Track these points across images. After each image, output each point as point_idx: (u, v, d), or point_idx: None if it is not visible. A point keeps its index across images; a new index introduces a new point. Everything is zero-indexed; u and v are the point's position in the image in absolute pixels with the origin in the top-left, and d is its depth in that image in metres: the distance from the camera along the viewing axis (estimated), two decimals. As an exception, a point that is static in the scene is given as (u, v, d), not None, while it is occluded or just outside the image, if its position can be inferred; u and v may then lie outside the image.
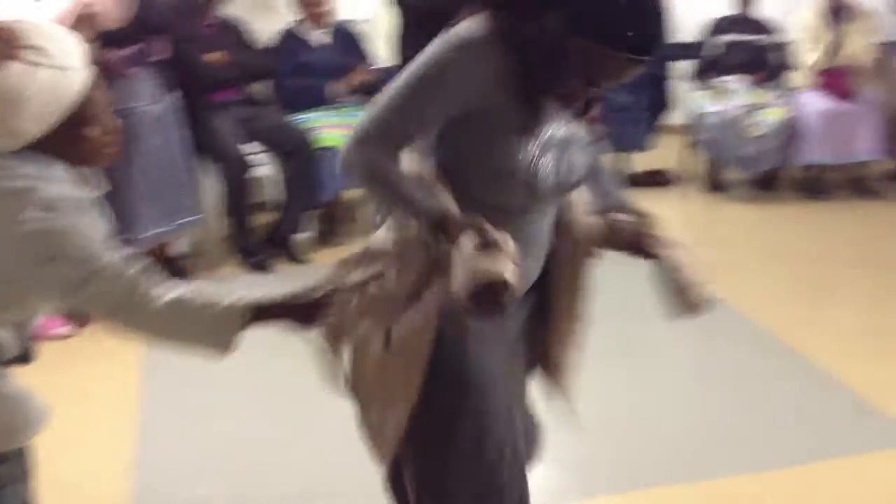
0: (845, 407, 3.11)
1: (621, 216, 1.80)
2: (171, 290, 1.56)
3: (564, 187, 1.62)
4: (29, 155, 1.50)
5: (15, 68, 1.42)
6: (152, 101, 4.06)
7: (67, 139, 1.51)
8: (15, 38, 1.44)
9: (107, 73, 3.94)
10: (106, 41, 3.83)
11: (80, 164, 1.57)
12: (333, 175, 4.55)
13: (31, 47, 1.44)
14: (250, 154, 4.51)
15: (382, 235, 1.71)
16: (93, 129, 1.55)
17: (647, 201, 5.77)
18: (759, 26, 5.65)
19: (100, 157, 1.59)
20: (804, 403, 3.16)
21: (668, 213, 5.60)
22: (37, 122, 1.46)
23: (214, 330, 1.60)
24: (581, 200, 1.78)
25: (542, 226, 1.69)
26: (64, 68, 1.47)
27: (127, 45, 3.94)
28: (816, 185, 5.56)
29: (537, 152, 1.53)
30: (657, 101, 5.65)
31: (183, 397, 3.30)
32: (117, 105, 3.82)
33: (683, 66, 5.82)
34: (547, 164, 1.54)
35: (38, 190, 1.46)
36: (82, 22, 3.66)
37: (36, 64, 1.44)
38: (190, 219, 4.30)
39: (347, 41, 4.99)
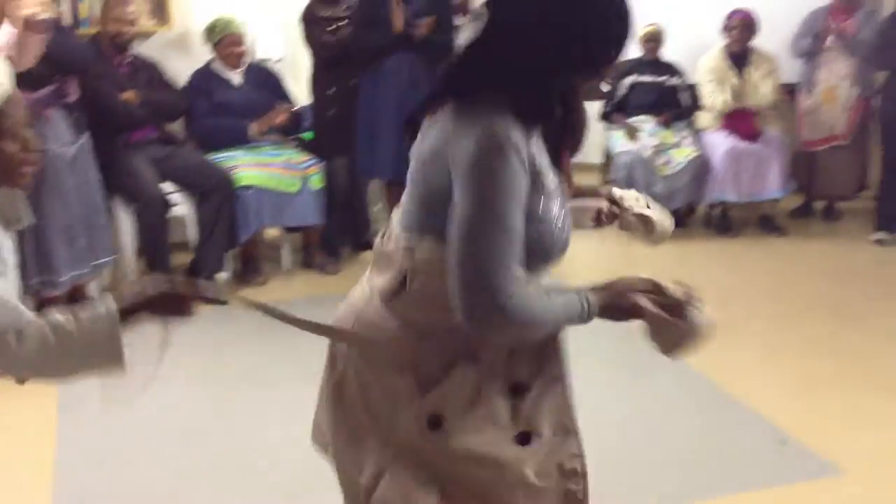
0: (765, 438, 3.17)
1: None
2: (29, 330, 1.47)
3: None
4: None
5: None
6: (67, 142, 4.02)
7: None
8: None
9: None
10: (19, 82, 3.77)
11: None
12: (251, 214, 4.53)
13: None
14: (168, 193, 4.46)
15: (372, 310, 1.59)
16: (10, 145, 1.54)
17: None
18: (664, 68, 5.85)
19: (17, 175, 1.57)
20: (723, 435, 3.23)
21: (584, 249, 5.76)
22: None
23: (96, 345, 1.52)
24: None
25: None
26: None
27: (40, 86, 3.89)
28: (725, 222, 5.75)
29: (559, 206, 1.50)
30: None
31: (100, 433, 3.23)
32: (51, 144, 3.85)
33: (593, 107, 5.98)
34: (564, 216, 1.52)
35: None
36: None
37: None
38: (105, 259, 4.26)
39: (263, 80, 5.01)
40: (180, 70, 4.95)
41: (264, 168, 4.66)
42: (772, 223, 5.75)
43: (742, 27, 5.66)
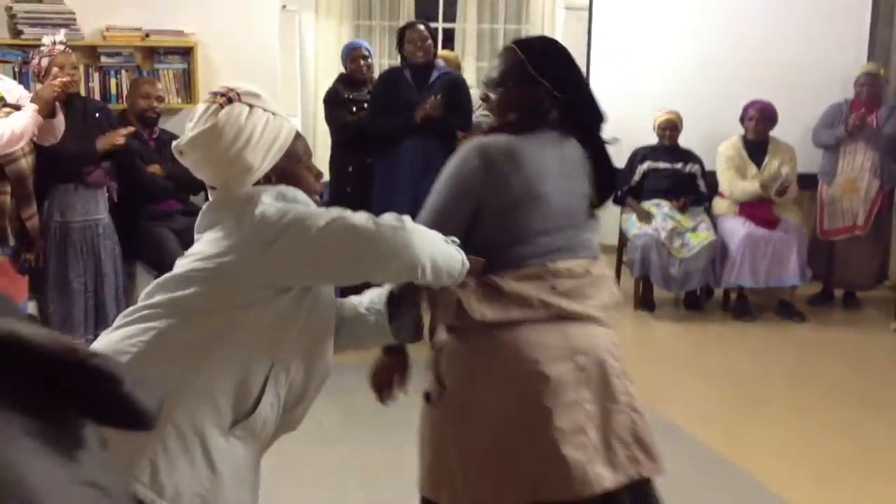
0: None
1: None
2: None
3: None
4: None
5: (238, 108, 1.73)
6: (103, 211, 4.24)
7: (286, 176, 1.79)
8: (232, 89, 1.76)
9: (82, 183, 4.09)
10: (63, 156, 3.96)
11: None
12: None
13: (248, 94, 1.76)
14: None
15: None
16: (305, 173, 1.84)
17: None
18: (680, 155, 5.91)
19: (311, 197, 1.83)
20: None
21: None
22: (263, 156, 1.75)
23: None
24: None
25: None
26: (275, 114, 1.78)
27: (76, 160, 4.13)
28: (743, 306, 5.72)
29: None
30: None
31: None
32: (65, 217, 4.01)
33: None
34: None
35: (264, 191, 1.73)
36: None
37: (252, 106, 1.74)
38: None
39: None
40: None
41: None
42: (791, 309, 5.71)
43: (760, 118, 5.73)
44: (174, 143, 1.80)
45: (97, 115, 4.31)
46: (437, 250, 1.77)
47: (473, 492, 2.02)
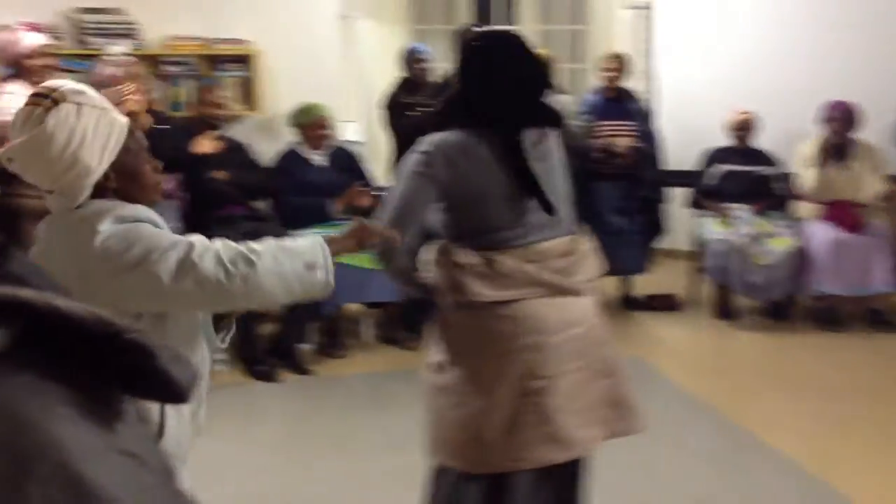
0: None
1: None
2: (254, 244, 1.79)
3: None
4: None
5: (66, 108, 1.66)
6: (172, 220, 4.21)
7: (126, 173, 1.74)
8: (55, 89, 1.69)
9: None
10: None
11: (139, 202, 1.76)
12: (335, 288, 4.48)
13: (74, 92, 1.70)
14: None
15: None
16: (145, 166, 1.79)
17: (657, 325, 5.73)
18: (756, 157, 5.66)
19: (154, 192, 1.82)
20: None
21: (678, 338, 5.51)
22: (100, 154, 1.69)
23: (314, 253, 1.81)
24: None
25: None
26: (104, 109, 1.72)
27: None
28: (830, 315, 5.43)
29: None
30: (652, 224, 5.64)
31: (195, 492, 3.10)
32: None
33: (682, 193, 5.82)
34: None
35: (111, 210, 1.67)
36: None
37: (80, 104, 1.67)
38: None
39: (345, 162, 5.09)
40: (267, 151, 5.05)
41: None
42: (881, 318, 5.40)
43: (842, 119, 5.45)
44: (0, 151, 1.71)
45: (166, 126, 4.31)
46: (290, 281, 1.76)
47: (478, 454, 2.20)
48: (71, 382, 0.78)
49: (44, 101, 1.67)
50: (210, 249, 1.71)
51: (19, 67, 3.64)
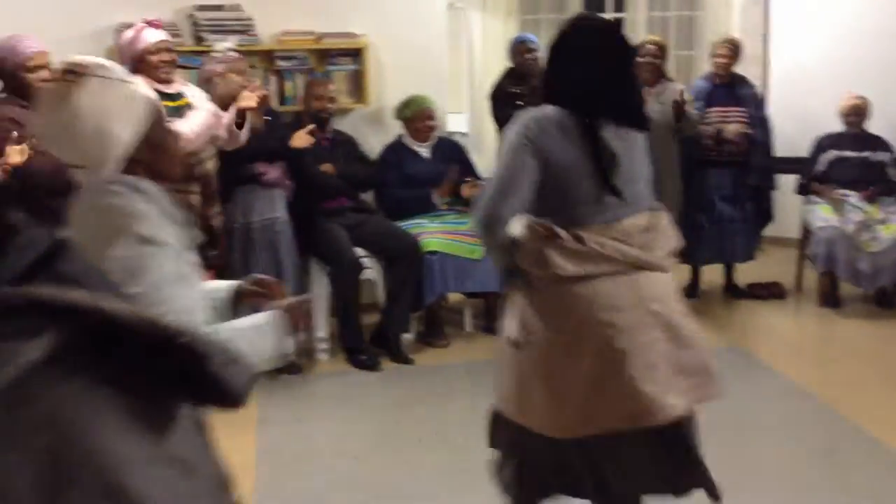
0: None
1: None
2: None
3: None
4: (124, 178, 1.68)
5: (91, 82, 1.65)
6: (280, 210, 4.40)
7: (154, 149, 1.72)
8: (78, 63, 1.68)
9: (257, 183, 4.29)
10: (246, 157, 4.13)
11: (165, 180, 1.75)
12: (436, 278, 4.63)
13: (97, 66, 1.68)
14: (360, 258, 4.64)
15: None
16: (170, 140, 1.76)
17: (761, 314, 5.67)
18: (869, 143, 5.53)
19: (180, 166, 1.81)
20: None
21: (783, 326, 5.46)
22: (129, 126, 1.67)
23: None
24: None
25: None
26: (129, 82, 1.71)
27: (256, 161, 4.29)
28: (940, 303, 5.30)
29: None
30: (761, 212, 5.57)
31: (295, 483, 3.32)
32: (247, 218, 4.21)
33: (793, 180, 5.73)
34: None
35: (136, 221, 1.61)
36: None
37: (104, 77, 1.66)
38: None
39: (450, 153, 5.17)
40: (374, 143, 5.19)
41: (449, 235, 4.77)
42: None
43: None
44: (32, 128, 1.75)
45: (268, 119, 4.46)
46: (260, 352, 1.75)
47: (559, 421, 2.33)
48: (123, 388, 0.77)
49: (68, 77, 1.65)
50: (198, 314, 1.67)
51: (140, 63, 3.73)
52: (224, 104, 3.91)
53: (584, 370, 2.30)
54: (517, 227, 2.31)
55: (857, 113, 5.52)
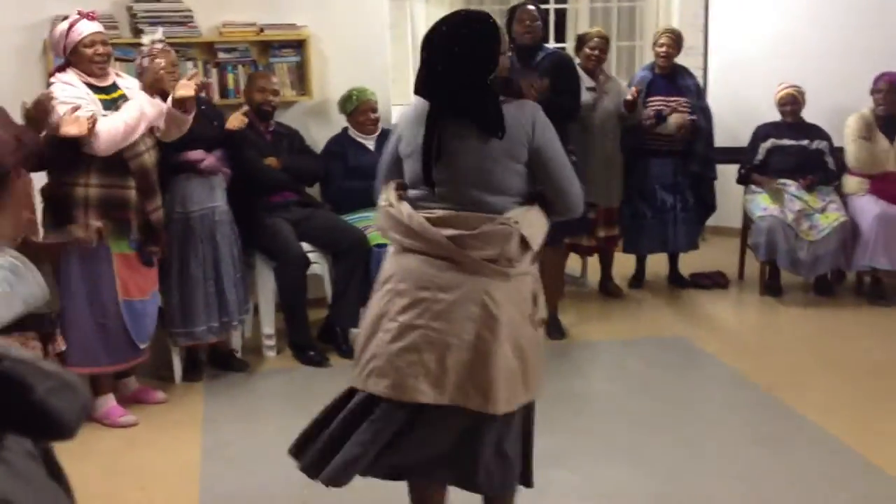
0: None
1: None
2: None
3: None
4: None
5: None
6: (219, 199, 4.30)
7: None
8: None
9: (194, 172, 4.19)
10: (179, 145, 4.03)
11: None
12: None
13: None
14: (307, 252, 4.59)
15: None
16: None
17: (704, 303, 5.76)
18: (806, 131, 5.64)
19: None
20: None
21: (726, 315, 5.55)
22: None
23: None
24: None
25: None
26: None
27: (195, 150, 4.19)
28: (877, 290, 5.43)
29: None
30: (703, 202, 5.65)
31: (242, 480, 3.29)
32: (185, 208, 4.11)
33: (733, 171, 5.82)
34: None
35: None
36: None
37: None
38: (243, 316, 4.47)
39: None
40: (318, 136, 5.14)
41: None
42: (930, 292, 5.40)
43: (889, 90, 5.41)
44: None
45: (203, 107, 4.38)
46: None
47: (532, 387, 2.49)
48: None
49: None
50: None
51: (73, 56, 3.66)
52: (152, 92, 3.82)
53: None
54: (383, 194, 2.56)
55: (793, 102, 5.62)
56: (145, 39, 4.22)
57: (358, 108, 5.01)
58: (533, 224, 2.41)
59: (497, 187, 2.40)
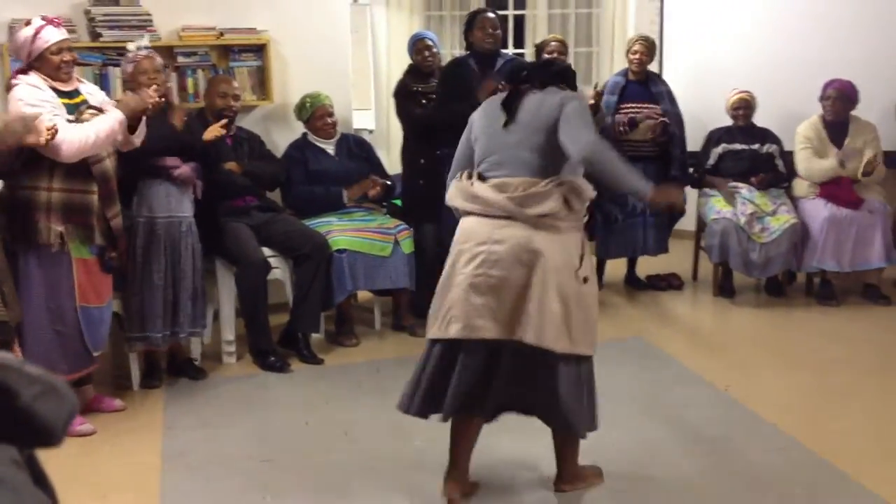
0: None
1: None
2: None
3: None
4: None
5: None
6: (187, 210, 4.27)
7: None
8: None
9: (167, 178, 4.17)
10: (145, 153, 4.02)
11: None
12: (346, 277, 4.63)
13: None
14: (268, 257, 4.59)
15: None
16: None
17: (660, 304, 5.87)
18: (757, 135, 5.77)
19: None
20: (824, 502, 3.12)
21: (681, 315, 5.67)
22: None
23: None
24: None
25: None
26: None
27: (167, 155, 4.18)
28: (826, 291, 5.58)
29: None
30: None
31: (203, 488, 3.29)
32: (151, 213, 4.09)
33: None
34: None
35: None
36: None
37: None
38: (204, 320, 4.43)
39: (356, 150, 5.18)
40: (279, 141, 5.15)
41: (358, 233, 4.78)
42: (877, 292, 5.55)
43: (839, 97, 5.55)
44: None
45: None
46: None
47: (577, 339, 2.86)
48: None
49: None
50: None
51: (38, 62, 3.62)
52: (135, 117, 3.82)
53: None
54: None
55: (745, 107, 5.75)
56: (131, 46, 4.21)
57: (314, 114, 5.04)
58: (576, 187, 2.84)
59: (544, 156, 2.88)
